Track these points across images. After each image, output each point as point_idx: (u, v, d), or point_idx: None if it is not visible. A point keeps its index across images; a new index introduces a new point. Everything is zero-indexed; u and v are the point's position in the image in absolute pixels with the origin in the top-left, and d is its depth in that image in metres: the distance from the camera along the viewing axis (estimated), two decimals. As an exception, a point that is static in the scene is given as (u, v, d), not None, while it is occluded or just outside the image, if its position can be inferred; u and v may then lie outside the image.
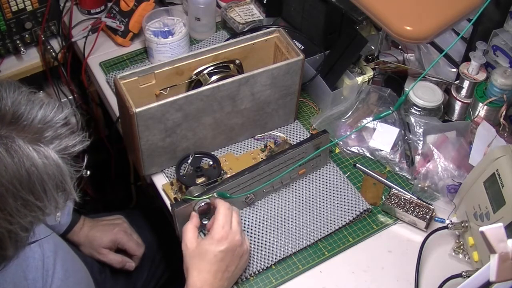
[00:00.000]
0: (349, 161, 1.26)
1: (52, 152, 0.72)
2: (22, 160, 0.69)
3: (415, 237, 1.13)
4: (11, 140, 0.69)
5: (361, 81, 1.32)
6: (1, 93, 0.72)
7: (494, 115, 1.21)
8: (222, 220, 1.00)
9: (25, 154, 0.69)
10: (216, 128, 1.20)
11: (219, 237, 0.99)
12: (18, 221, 0.71)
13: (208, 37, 1.49)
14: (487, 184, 1.05)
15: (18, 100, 0.72)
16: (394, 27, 1.02)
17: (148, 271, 1.35)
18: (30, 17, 1.45)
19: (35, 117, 0.72)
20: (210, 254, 0.98)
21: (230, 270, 1.00)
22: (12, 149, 0.69)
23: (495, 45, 1.25)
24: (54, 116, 0.74)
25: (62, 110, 0.76)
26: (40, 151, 0.71)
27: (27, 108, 0.72)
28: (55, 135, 0.74)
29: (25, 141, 0.70)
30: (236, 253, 1.00)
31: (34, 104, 0.74)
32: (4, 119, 0.71)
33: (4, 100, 0.72)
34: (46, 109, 0.74)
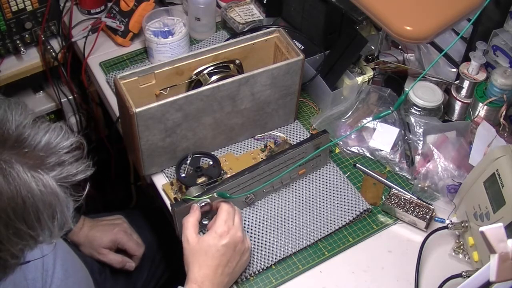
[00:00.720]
0: (349, 161, 1.26)
1: (51, 180, 0.70)
2: (18, 188, 0.67)
3: (415, 237, 1.13)
4: (10, 166, 0.67)
5: (361, 81, 1.32)
6: (7, 115, 0.70)
7: (494, 115, 1.21)
8: (225, 215, 1.01)
9: (23, 182, 0.67)
10: (216, 128, 1.20)
11: (222, 231, 0.99)
12: (8, 248, 0.70)
13: (208, 37, 1.49)
14: (487, 184, 1.05)
15: (23, 124, 0.70)
16: (394, 27, 1.02)
17: (148, 271, 1.35)
18: (30, 17, 1.45)
19: (39, 143, 0.70)
20: (213, 248, 0.98)
21: (231, 266, 1.00)
22: (10, 176, 0.67)
23: (495, 45, 1.25)
24: (59, 143, 0.72)
25: (67, 138, 0.73)
26: (39, 178, 0.69)
27: (32, 133, 0.70)
28: (58, 162, 0.71)
29: (24, 168, 0.68)
30: (237, 249, 1.01)
31: (40, 129, 0.71)
32: (6, 142, 0.69)
33: (9, 122, 0.70)
34: (51, 135, 0.72)
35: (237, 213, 1.04)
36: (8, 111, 0.71)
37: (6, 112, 0.70)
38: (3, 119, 0.70)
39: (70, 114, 1.69)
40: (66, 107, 1.67)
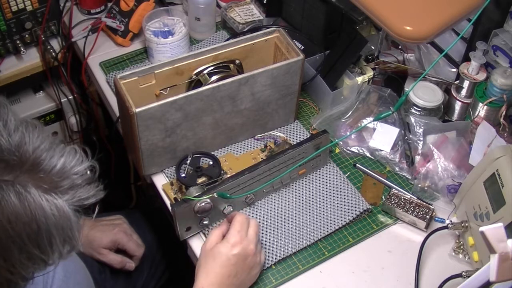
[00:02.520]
0: (349, 161, 1.26)
1: (64, 204, 0.70)
2: (34, 213, 0.67)
3: (415, 237, 1.13)
4: (26, 190, 0.67)
5: (361, 81, 1.32)
6: (24, 138, 0.70)
7: (494, 115, 1.21)
8: (238, 226, 1.02)
9: (38, 206, 0.68)
10: (216, 128, 1.20)
11: (234, 241, 1.00)
12: (20, 271, 0.70)
13: (208, 37, 1.49)
14: (487, 184, 1.05)
15: (40, 147, 0.70)
16: (394, 27, 1.02)
17: (148, 271, 1.35)
18: (30, 17, 1.45)
19: (54, 167, 0.70)
20: (223, 256, 0.99)
21: (239, 278, 1.00)
22: (26, 200, 0.67)
23: (495, 45, 1.25)
24: (74, 167, 0.72)
25: (82, 162, 0.73)
26: (53, 202, 0.69)
27: (48, 156, 0.70)
28: (71, 185, 0.71)
29: (39, 191, 0.68)
30: (248, 261, 1.00)
31: (55, 152, 0.71)
32: (23, 166, 0.68)
33: (26, 145, 0.69)
34: (66, 159, 0.72)
35: (252, 226, 1.04)
36: (25, 134, 0.70)
37: (24, 135, 0.70)
38: (21, 142, 0.69)
39: (70, 114, 1.69)
40: (66, 107, 1.67)
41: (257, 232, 1.05)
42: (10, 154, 0.68)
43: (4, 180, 0.67)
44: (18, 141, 0.69)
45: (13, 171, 0.68)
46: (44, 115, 1.67)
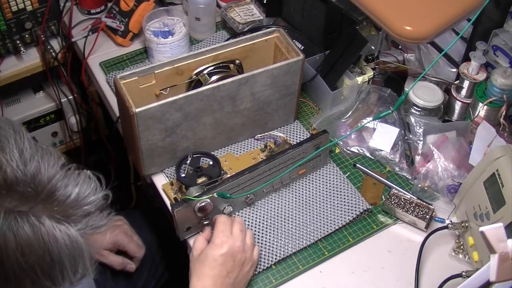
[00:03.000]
0: (349, 161, 1.26)
1: (77, 234, 0.70)
2: (48, 245, 0.67)
3: (415, 237, 1.13)
4: (40, 221, 0.67)
5: (361, 81, 1.32)
6: (40, 168, 0.69)
7: (494, 115, 1.21)
8: (221, 226, 1.03)
9: (52, 238, 0.67)
10: (216, 128, 1.20)
11: (219, 241, 1.01)
12: None
13: (208, 37, 1.49)
14: (487, 184, 1.05)
15: (55, 177, 0.69)
16: (394, 27, 1.02)
17: (148, 272, 1.35)
18: (30, 17, 1.45)
19: (69, 196, 0.70)
20: (210, 258, 0.99)
21: (232, 277, 1.00)
22: (40, 232, 0.67)
23: (495, 45, 1.25)
24: (88, 197, 0.72)
25: (96, 191, 0.73)
26: (66, 233, 0.69)
27: (62, 185, 0.70)
28: (85, 214, 0.71)
29: (52, 221, 0.68)
30: (237, 259, 1.01)
31: (70, 180, 0.71)
32: (39, 196, 0.68)
33: (41, 175, 0.69)
34: (81, 188, 0.71)
35: (235, 223, 1.05)
36: (41, 163, 0.69)
37: (39, 164, 0.69)
38: (36, 172, 0.69)
39: (70, 114, 1.69)
40: (66, 107, 1.67)
41: (242, 229, 1.05)
42: (25, 186, 0.67)
43: (18, 211, 0.66)
44: (34, 171, 0.68)
45: (28, 202, 0.67)
46: (44, 115, 1.67)
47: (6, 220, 0.66)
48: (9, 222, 0.66)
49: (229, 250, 1.00)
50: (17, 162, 0.68)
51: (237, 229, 1.04)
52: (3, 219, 0.66)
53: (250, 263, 1.04)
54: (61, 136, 1.75)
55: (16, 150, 0.69)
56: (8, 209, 0.66)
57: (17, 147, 0.69)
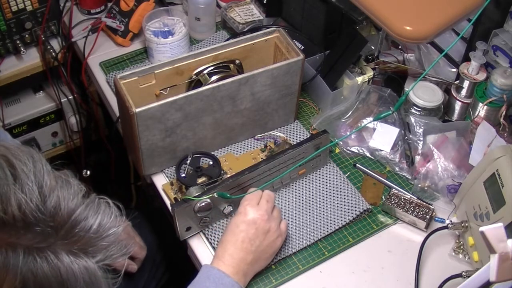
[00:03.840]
0: (349, 161, 1.26)
1: (96, 267, 0.69)
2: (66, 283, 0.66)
3: (415, 237, 1.13)
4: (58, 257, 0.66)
5: (361, 81, 1.32)
6: (59, 202, 0.67)
7: (494, 115, 1.21)
8: (248, 197, 1.07)
9: (70, 274, 0.66)
10: (216, 128, 1.20)
11: (242, 209, 1.05)
12: None
13: (208, 37, 1.49)
14: (487, 184, 1.05)
15: (75, 212, 0.68)
16: (394, 27, 1.02)
17: (149, 272, 1.35)
18: (30, 17, 1.45)
19: (89, 230, 0.68)
20: (233, 225, 1.04)
21: (254, 244, 1.02)
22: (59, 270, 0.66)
23: (495, 45, 1.25)
24: (108, 229, 0.70)
25: (116, 221, 0.72)
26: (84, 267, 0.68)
27: (82, 218, 0.68)
28: (104, 246, 0.70)
29: (71, 256, 0.67)
30: (260, 227, 1.03)
31: (90, 212, 0.69)
32: (58, 233, 0.67)
33: (61, 211, 0.67)
34: (102, 220, 0.70)
35: (264, 195, 1.07)
36: (60, 198, 0.68)
37: (59, 199, 0.68)
38: (56, 208, 0.67)
39: (70, 114, 1.69)
40: (66, 107, 1.67)
41: (269, 200, 1.07)
42: (45, 225, 0.66)
43: (37, 248, 0.65)
44: (53, 208, 0.67)
45: (47, 239, 0.66)
46: (44, 115, 1.67)
47: (26, 260, 0.65)
48: (29, 263, 0.65)
49: (251, 217, 1.03)
50: (36, 201, 0.66)
51: (263, 200, 1.06)
52: (22, 260, 0.65)
53: (276, 233, 1.05)
54: (61, 136, 1.75)
55: (35, 187, 0.67)
56: (27, 247, 0.65)
57: (37, 182, 0.67)
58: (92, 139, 1.81)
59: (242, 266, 1.01)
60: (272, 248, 1.05)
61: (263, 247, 1.03)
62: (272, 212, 1.06)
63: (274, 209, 1.08)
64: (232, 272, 1.00)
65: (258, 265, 1.04)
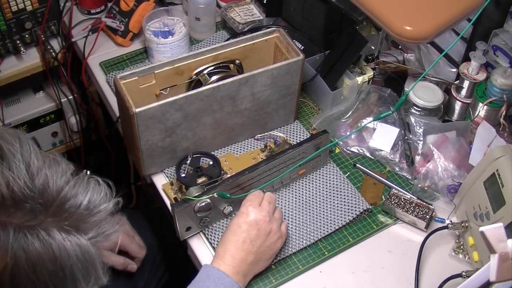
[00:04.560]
0: (349, 161, 1.26)
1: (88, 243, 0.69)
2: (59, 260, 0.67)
3: (415, 237, 1.13)
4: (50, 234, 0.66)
5: (361, 81, 1.32)
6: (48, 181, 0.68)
7: (494, 115, 1.21)
8: (250, 197, 1.07)
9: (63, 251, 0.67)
10: (216, 128, 1.20)
11: (244, 209, 1.05)
12: None
13: (208, 37, 1.49)
14: (487, 184, 1.05)
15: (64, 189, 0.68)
16: (394, 27, 1.02)
17: (149, 272, 1.35)
18: (30, 17, 1.45)
19: (79, 206, 0.69)
20: (235, 225, 1.03)
21: (255, 245, 1.02)
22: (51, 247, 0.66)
23: (495, 45, 1.25)
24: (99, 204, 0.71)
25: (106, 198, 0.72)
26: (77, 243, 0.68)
27: (72, 195, 0.69)
28: (95, 222, 0.70)
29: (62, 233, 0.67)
30: (261, 228, 1.03)
31: (79, 189, 0.69)
32: (48, 210, 0.67)
33: (50, 188, 0.68)
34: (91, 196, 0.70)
35: (266, 196, 1.08)
36: (48, 176, 0.68)
37: (47, 177, 0.68)
38: (44, 186, 0.68)
39: (70, 114, 1.69)
40: (66, 107, 1.67)
41: (271, 202, 1.07)
42: (34, 202, 0.66)
43: (28, 226, 0.66)
44: (42, 186, 0.67)
45: (37, 216, 0.66)
46: (44, 115, 1.67)
47: (16, 238, 0.65)
48: (19, 240, 0.65)
49: (253, 218, 1.03)
50: (24, 179, 0.66)
51: (265, 201, 1.06)
52: (12, 237, 0.65)
53: (277, 235, 1.05)
54: (61, 136, 1.75)
55: (23, 165, 0.67)
56: (17, 225, 0.65)
57: (24, 161, 0.68)
58: (92, 139, 1.81)
59: (242, 267, 1.01)
60: (273, 250, 1.05)
61: (264, 248, 1.03)
62: (273, 213, 1.06)
63: (275, 210, 1.08)
64: (232, 272, 1.00)
65: (259, 266, 1.04)
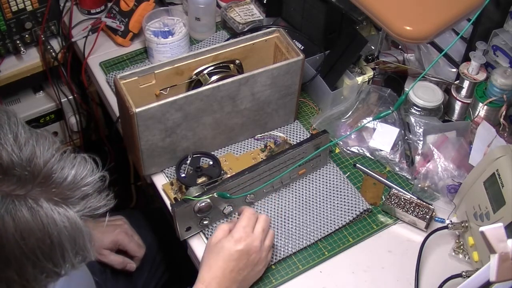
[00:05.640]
0: (349, 161, 1.26)
1: (76, 216, 0.70)
2: (47, 228, 0.67)
3: (415, 237, 1.13)
4: (38, 203, 0.67)
5: (361, 81, 1.32)
6: (35, 151, 0.69)
7: (494, 115, 1.21)
8: (244, 221, 1.02)
9: (51, 220, 0.67)
10: (216, 128, 1.20)
11: (238, 236, 1.00)
12: (34, 286, 0.70)
13: (208, 37, 1.49)
14: (487, 184, 1.05)
15: (50, 160, 0.69)
16: (394, 27, 1.02)
17: (149, 272, 1.35)
18: (30, 17, 1.45)
19: (66, 178, 0.70)
20: (226, 251, 0.99)
21: (242, 274, 1.00)
22: (39, 214, 0.67)
23: (495, 45, 1.25)
24: (85, 178, 0.72)
25: (92, 172, 0.73)
26: (65, 215, 0.69)
27: (58, 167, 0.70)
28: (83, 196, 0.71)
29: (50, 204, 0.68)
30: (251, 258, 1.01)
31: (66, 163, 0.71)
32: (35, 180, 0.68)
33: (37, 158, 0.69)
34: (78, 170, 0.71)
35: (260, 221, 1.04)
36: (36, 147, 0.69)
37: (34, 148, 0.69)
38: (32, 156, 0.69)
39: (70, 114, 1.69)
40: (66, 107, 1.67)
41: (265, 228, 1.04)
42: (22, 169, 0.67)
43: (16, 195, 0.67)
44: (29, 155, 0.68)
45: (25, 185, 0.67)
46: (44, 115, 1.67)
47: (4, 203, 0.66)
48: (7, 206, 0.66)
49: (246, 247, 1.00)
50: (12, 147, 0.68)
51: (259, 228, 1.03)
52: (0, 203, 0.66)
53: (262, 264, 1.03)
54: (61, 136, 1.75)
55: (10, 135, 0.69)
56: (6, 193, 0.66)
57: (11, 132, 0.69)
58: (92, 139, 1.81)
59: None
60: (255, 278, 1.04)
61: (248, 277, 1.02)
62: (265, 240, 1.04)
63: (267, 237, 1.05)
64: None
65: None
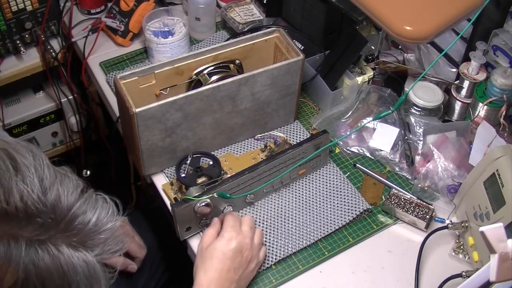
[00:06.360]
0: (349, 161, 1.26)
1: (94, 261, 0.70)
2: (67, 274, 0.67)
3: (415, 237, 1.13)
4: (59, 249, 0.67)
5: (361, 81, 1.32)
6: (59, 196, 0.68)
7: (494, 115, 1.21)
8: (231, 221, 1.04)
9: (70, 266, 0.67)
10: (216, 128, 1.20)
11: (229, 236, 1.01)
12: None
13: (208, 37, 1.49)
14: (487, 184, 1.05)
15: (75, 205, 0.69)
16: (394, 27, 1.02)
17: (149, 272, 1.35)
18: (30, 17, 1.45)
19: (88, 223, 0.70)
20: (219, 252, 1.00)
21: (238, 273, 1.00)
22: (59, 261, 0.67)
23: (495, 45, 1.25)
24: (106, 224, 0.71)
25: (113, 218, 0.73)
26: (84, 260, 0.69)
27: (81, 212, 0.69)
28: (102, 240, 0.71)
29: (70, 249, 0.68)
30: (245, 255, 1.01)
31: (88, 206, 0.70)
32: (58, 225, 0.68)
33: (61, 204, 0.68)
34: (99, 215, 0.71)
35: (245, 220, 1.06)
36: (60, 191, 0.69)
37: (59, 193, 0.69)
38: (56, 202, 0.68)
39: (70, 114, 1.69)
40: (66, 107, 1.67)
41: (252, 226, 1.06)
42: (46, 217, 0.67)
43: (38, 240, 0.66)
44: (54, 201, 0.68)
45: (48, 231, 0.67)
46: (44, 115, 1.67)
47: (28, 252, 0.66)
48: (31, 254, 0.66)
49: (238, 245, 1.01)
50: (37, 193, 0.67)
51: (246, 226, 1.04)
52: (24, 251, 0.65)
53: (255, 261, 1.04)
54: (61, 136, 1.75)
55: (36, 179, 0.68)
56: (28, 239, 0.66)
57: (38, 175, 0.68)
58: (92, 139, 1.81)
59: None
60: (251, 277, 1.04)
61: (244, 276, 1.02)
62: (254, 238, 1.05)
63: (255, 235, 1.06)
64: None
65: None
